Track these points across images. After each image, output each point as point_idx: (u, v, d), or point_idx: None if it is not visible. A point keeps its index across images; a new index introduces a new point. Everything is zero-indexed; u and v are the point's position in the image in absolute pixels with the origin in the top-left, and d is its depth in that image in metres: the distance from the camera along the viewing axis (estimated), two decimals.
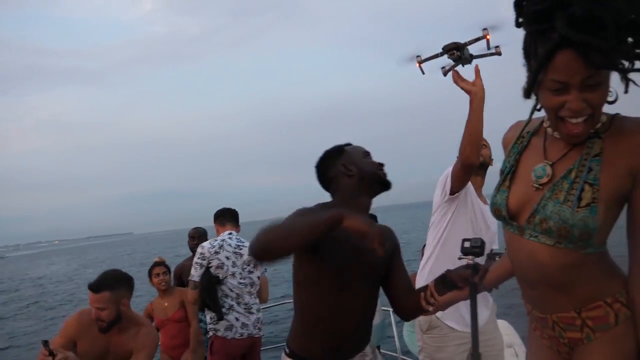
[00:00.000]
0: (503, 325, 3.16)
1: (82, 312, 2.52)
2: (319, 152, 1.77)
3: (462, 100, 2.08)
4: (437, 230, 2.33)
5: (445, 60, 2.05)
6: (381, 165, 1.72)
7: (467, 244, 1.58)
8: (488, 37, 1.98)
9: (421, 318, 2.29)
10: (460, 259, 1.58)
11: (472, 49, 2.02)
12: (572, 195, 1.15)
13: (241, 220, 3.65)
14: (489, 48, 2.00)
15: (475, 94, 1.99)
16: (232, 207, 3.59)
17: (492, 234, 2.31)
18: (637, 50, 1.03)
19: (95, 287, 2.34)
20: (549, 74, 1.07)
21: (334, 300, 1.59)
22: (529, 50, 1.13)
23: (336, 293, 1.59)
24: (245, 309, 3.20)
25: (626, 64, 1.05)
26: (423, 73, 2.11)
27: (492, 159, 2.40)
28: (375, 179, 1.69)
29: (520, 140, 1.34)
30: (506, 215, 1.27)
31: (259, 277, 3.35)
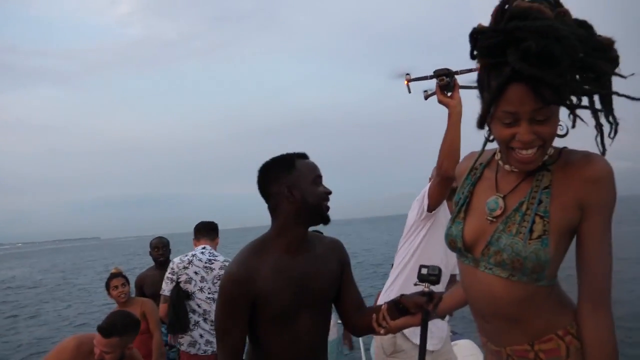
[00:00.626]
0: (467, 344, 3.18)
1: (81, 342, 2.53)
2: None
3: (439, 118, 2.12)
4: (409, 249, 2.33)
5: (431, 83, 2.09)
6: (327, 195, 1.61)
7: (424, 271, 1.56)
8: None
9: (384, 339, 2.29)
10: (416, 284, 1.57)
11: (460, 79, 2.06)
12: (524, 227, 1.17)
13: (221, 227, 3.64)
14: None
15: (454, 107, 2.05)
16: (208, 220, 3.58)
17: None
18: (585, 87, 1.07)
19: (106, 332, 2.40)
20: (501, 106, 1.11)
21: (282, 332, 1.56)
22: (483, 83, 1.17)
23: (282, 326, 1.56)
24: (211, 326, 3.18)
25: (574, 99, 1.10)
26: (409, 92, 2.14)
27: None
28: (316, 212, 1.60)
29: (474, 172, 1.37)
30: (462, 247, 1.30)
31: None
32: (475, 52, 1.15)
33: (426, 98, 2.10)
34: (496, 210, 1.23)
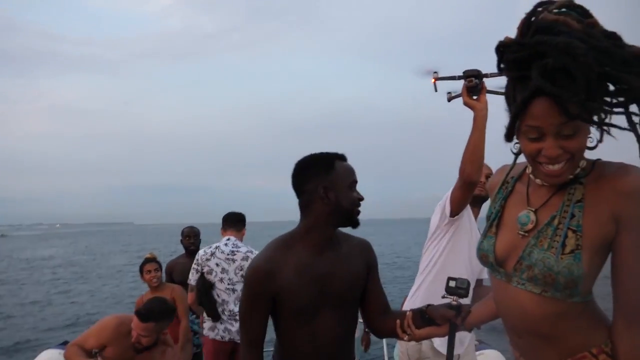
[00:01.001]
0: (494, 355, 3.11)
1: (122, 321, 2.68)
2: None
3: (466, 119, 2.07)
4: (433, 254, 2.30)
5: (457, 85, 2.02)
6: (359, 201, 1.62)
7: (452, 283, 1.53)
8: None
9: (410, 346, 2.27)
10: (443, 297, 1.55)
11: (489, 83, 1.99)
12: (556, 242, 1.14)
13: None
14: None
15: (480, 110, 1.99)
16: (237, 211, 3.66)
17: None
18: (614, 100, 1.04)
19: (144, 317, 2.55)
20: (526, 120, 1.09)
21: (303, 328, 1.57)
22: (509, 96, 1.14)
23: (303, 322, 1.57)
24: (229, 316, 3.30)
25: (602, 115, 1.05)
26: (436, 90, 2.07)
27: None
28: (348, 216, 1.61)
29: (505, 186, 1.35)
30: (493, 262, 1.27)
31: None
32: (501, 65, 1.14)
33: (449, 100, 2.05)
34: (527, 225, 1.21)
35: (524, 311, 1.21)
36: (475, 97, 1.98)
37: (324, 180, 1.57)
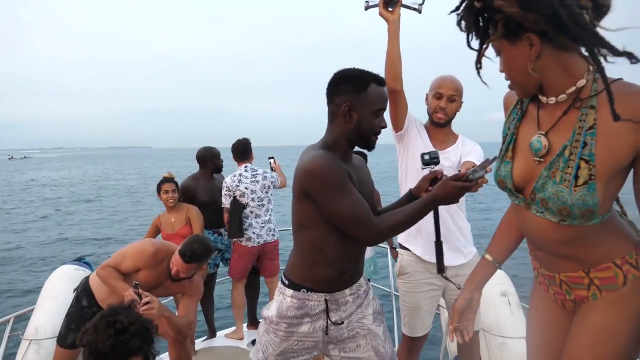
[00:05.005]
0: (499, 274, 3.18)
1: (158, 249, 2.75)
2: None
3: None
4: (400, 172, 2.40)
5: None
6: (381, 129, 1.65)
7: (426, 157, 1.84)
8: None
9: (396, 265, 2.43)
10: (422, 169, 1.81)
11: None
12: (568, 174, 1.12)
13: (259, 144, 3.83)
14: (422, 2, 2.09)
15: (392, 22, 2.10)
16: (243, 140, 4.08)
17: None
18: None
19: (188, 258, 2.63)
20: None
21: (339, 233, 1.60)
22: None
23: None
24: (260, 223, 4.03)
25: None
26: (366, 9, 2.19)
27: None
28: (364, 140, 1.65)
29: (519, 106, 1.30)
30: (512, 188, 1.26)
31: (272, 191, 4.15)
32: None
33: (366, 9, 2.16)
34: (541, 150, 1.18)
35: (545, 234, 1.22)
36: (390, 9, 2.10)
37: (351, 99, 1.59)
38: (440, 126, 2.35)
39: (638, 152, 1.07)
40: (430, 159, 1.80)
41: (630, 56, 0.99)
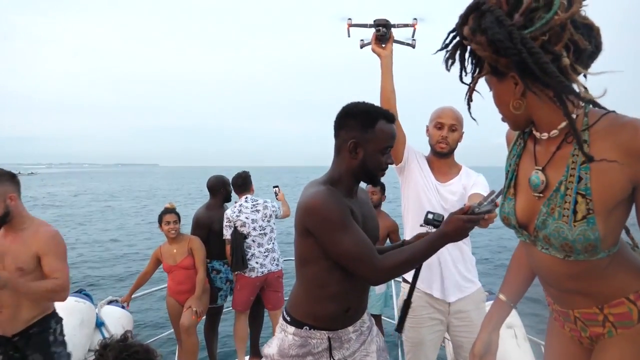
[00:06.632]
0: None
1: None
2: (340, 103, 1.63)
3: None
4: (403, 203, 2.41)
5: (369, 32, 2.23)
6: (386, 166, 1.64)
7: (430, 216, 1.76)
8: (415, 26, 2.16)
9: (400, 297, 2.43)
10: (421, 225, 1.77)
11: (396, 33, 2.20)
12: (566, 210, 1.10)
13: (267, 164, 3.92)
14: (413, 37, 2.16)
15: (385, 57, 2.19)
16: (242, 173, 4.24)
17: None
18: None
19: None
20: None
21: (343, 269, 1.56)
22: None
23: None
24: (263, 252, 4.02)
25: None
26: (349, 36, 2.24)
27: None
28: (368, 176, 1.64)
29: (519, 142, 1.30)
30: (516, 225, 1.26)
31: (274, 222, 4.15)
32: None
33: (361, 47, 2.22)
34: (540, 186, 1.17)
35: (552, 270, 1.21)
36: (383, 46, 2.18)
37: (358, 136, 1.57)
38: (443, 156, 2.33)
39: (636, 184, 1.05)
40: (433, 221, 1.74)
41: (594, 104, 1.03)
